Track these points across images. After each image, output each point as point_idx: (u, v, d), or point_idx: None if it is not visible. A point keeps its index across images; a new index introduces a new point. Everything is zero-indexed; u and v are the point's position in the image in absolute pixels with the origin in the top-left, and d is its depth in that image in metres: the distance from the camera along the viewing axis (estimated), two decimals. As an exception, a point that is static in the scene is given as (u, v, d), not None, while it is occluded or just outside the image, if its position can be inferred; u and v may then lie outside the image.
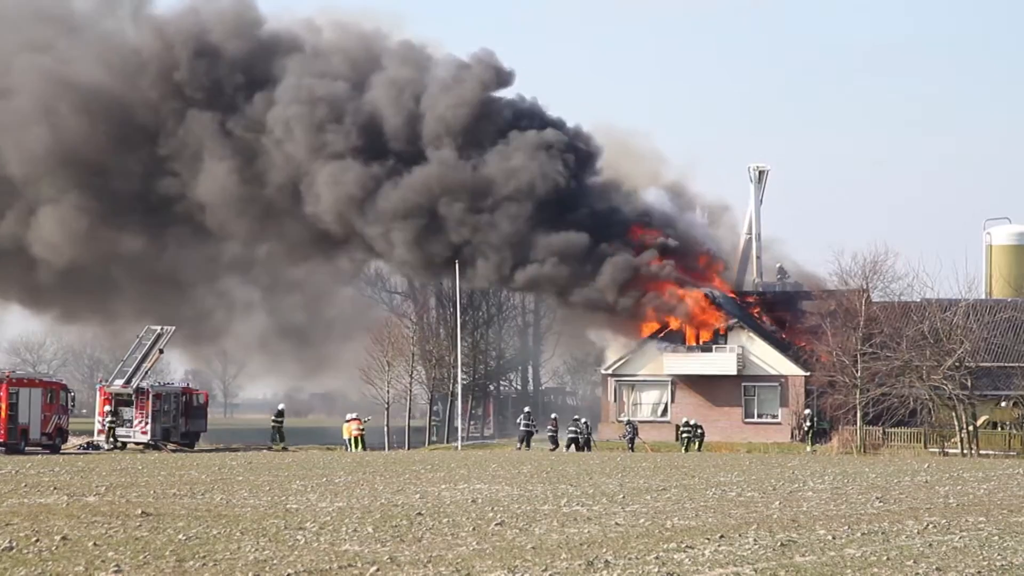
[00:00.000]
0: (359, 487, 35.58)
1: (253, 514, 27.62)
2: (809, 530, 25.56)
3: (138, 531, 24.30)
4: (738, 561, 21.19)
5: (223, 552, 21.59)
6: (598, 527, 25.67)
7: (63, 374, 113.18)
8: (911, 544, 23.66)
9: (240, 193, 75.58)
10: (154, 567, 20.02)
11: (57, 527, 24.69)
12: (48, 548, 21.83)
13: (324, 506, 29.62)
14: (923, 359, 63.77)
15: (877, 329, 65.25)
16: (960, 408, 63.11)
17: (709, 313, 73.45)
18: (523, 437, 68.26)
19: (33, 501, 30.36)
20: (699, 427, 67.81)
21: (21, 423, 58.91)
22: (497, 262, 73.63)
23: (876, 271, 68.22)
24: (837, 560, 21.47)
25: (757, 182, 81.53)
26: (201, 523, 25.67)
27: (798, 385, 71.63)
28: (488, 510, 28.84)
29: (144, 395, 64.89)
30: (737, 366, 72.33)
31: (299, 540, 23.17)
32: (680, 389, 73.68)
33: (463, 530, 24.84)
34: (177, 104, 75.80)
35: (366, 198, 73.66)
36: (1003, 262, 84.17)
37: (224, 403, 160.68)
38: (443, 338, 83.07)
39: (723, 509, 29.85)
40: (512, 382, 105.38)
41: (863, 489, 36.58)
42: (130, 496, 31.78)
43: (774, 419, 72.44)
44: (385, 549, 22.08)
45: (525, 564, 20.52)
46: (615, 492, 34.43)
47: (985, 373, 66.47)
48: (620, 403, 74.54)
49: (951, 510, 30.36)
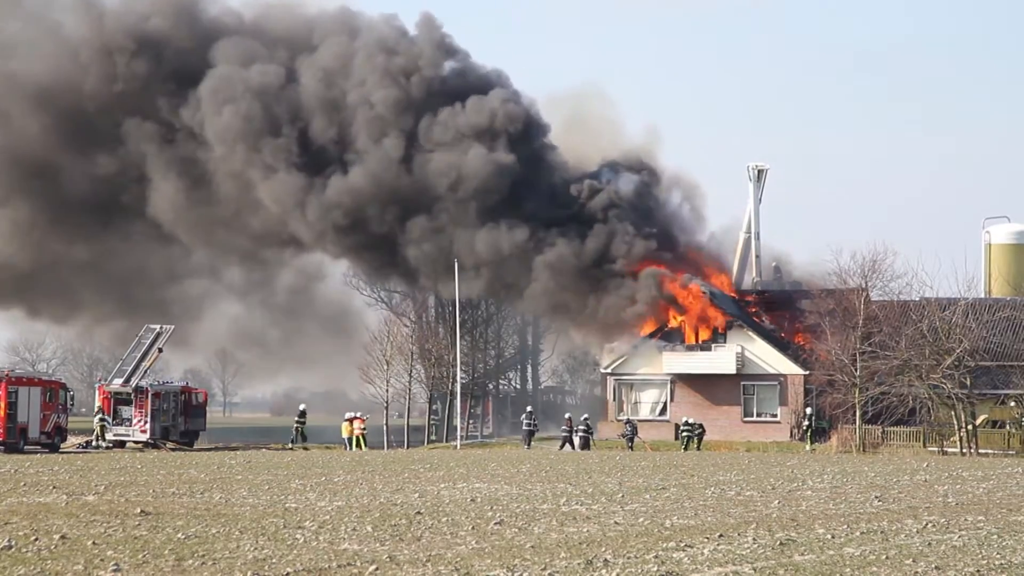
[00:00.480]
0: (358, 486, 35.58)
1: (252, 513, 27.61)
2: (808, 529, 25.55)
3: (137, 530, 24.29)
4: (737, 560, 21.19)
5: (222, 551, 21.58)
6: (597, 526, 25.66)
7: (62, 373, 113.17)
8: (910, 543, 23.65)
9: (190, 211, 74.04)
10: (153, 566, 20.01)
11: (56, 526, 24.69)
12: (47, 547, 21.83)
13: (323, 505, 29.61)
14: (922, 358, 63.78)
15: (876, 328, 65.24)
16: (959, 407, 63.12)
17: (707, 310, 73.35)
18: (526, 436, 68.14)
19: (32, 500, 30.35)
20: (700, 426, 67.78)
21: (20, 422, 58.89)
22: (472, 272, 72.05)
23: (875, 270, 68.23)
24: (836, 559, 21.46)
25: (756, 181, 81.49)
26: (200, 522, 25.66)
27: (797, 384, 71.61)
28: (487, 509, 28.83)
29: (143, 394, 64.85)
30: (736, 365, 72.31)
31: (298, 539, 23.16)
32: (679, 388, 73.65)
33: (462, 529, 24.84)
34: (118, 109, 73.83)
35: (304, 210, 72.11)
36: (1002, 261, 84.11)
37: (223, 402, 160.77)
38: (442, 337, 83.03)
39: (722, 508, 29.85)
40: (511, 381, 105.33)
41: (862, 488, 36.57)
42: (129, 495, 31.77)
43: (773, 418, 72.43)
44: (384, 548, 22.08)
45: (524, 563, 20.51)
46: (614, 491, 34.42)
47: (984, 372, 66.45)
48: (619, 402, 74.51)
49: (950, 509, 30.36)
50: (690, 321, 73.58)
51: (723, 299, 75.44)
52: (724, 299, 75.64)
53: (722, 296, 75.71)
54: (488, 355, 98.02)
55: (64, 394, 62.62)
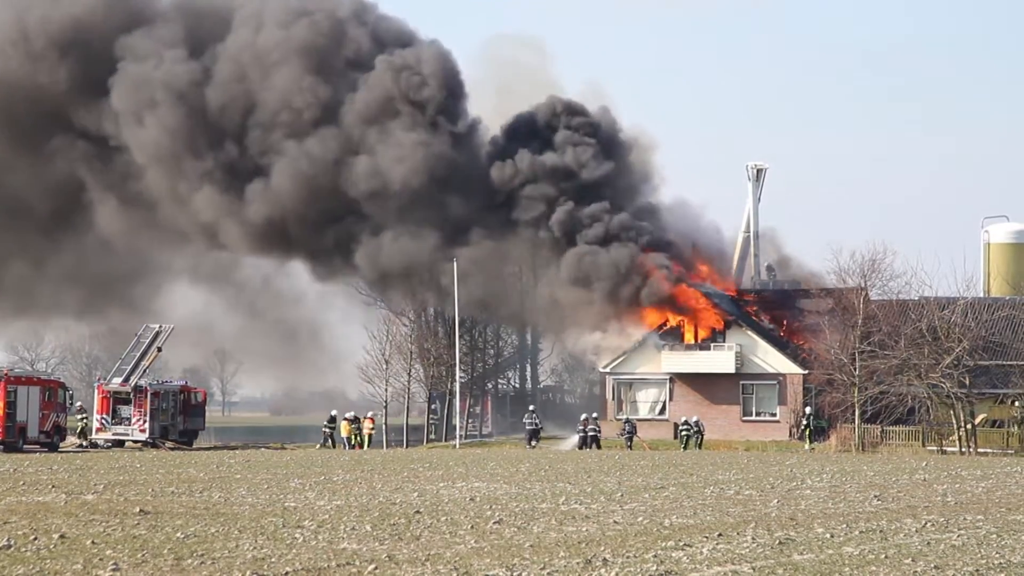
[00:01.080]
0: (357, 485, 35.58)
1: (251, 512, 27.61)
2: (807, 528, 25.54)
3: (136, 529, 24.29)
4: (736, 559, 21.18)
5: (221, 550, 21.57)
6: (596, 525, 25.66)
7: (61, 372, 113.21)
8: (909, 542, 23.65)
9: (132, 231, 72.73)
10: (152, 565, 20.00)
11: (55, 525, 24.68)
12: (46, 546, 21.82)
13: (322, 504, 29.61)
14: (921, 357, 63.78)
15: (875, 327, 65.22)
16: (958, 406, 63.11)
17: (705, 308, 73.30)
18: (530, 435, 67.79)
19: (31, 499, 30.35)
20: (699, 424, 67.74)
21: (19, 421, 58.88)
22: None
23: (875, 269, 68.20)
24: (835, 558, 21.45)
25: (755, 180, 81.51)
26: (199, 521, 25.66)
27: (796, 383, 71.58)
28: (486, 508, 28.83)
29: (142, 393, 64.83)
30: (735, 364, 72.27)
31: (297, 538, 23.15)
32: (678, 387, 73.60)
33: (461, 528, 24.83)
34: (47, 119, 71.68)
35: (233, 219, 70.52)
36: (1001, 260, 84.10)
37: (222, 401, 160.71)
38: (441, 336, 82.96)
39: (721, 507, 29.84)
40: (510, 380, 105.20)
41: (861, 487, 36.57)
42: (128, 494, 31.77)
43: (772, 417, 72.40)
44: (383, 547, 22.07)
45: (523, 562, 20.50)
46: (613, 490, 34.42)
47: (983, 371, 66.44)
48: (618, 401, 74.48)
49: (949, 508, 30.35)
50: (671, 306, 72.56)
51: (722, 298, 75.43)
52: (723, 298, 75.62)
53: (721, 295, 75.69)
54: (487, 354, 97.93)
55: (63, 393, 62.61)
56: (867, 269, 67.82)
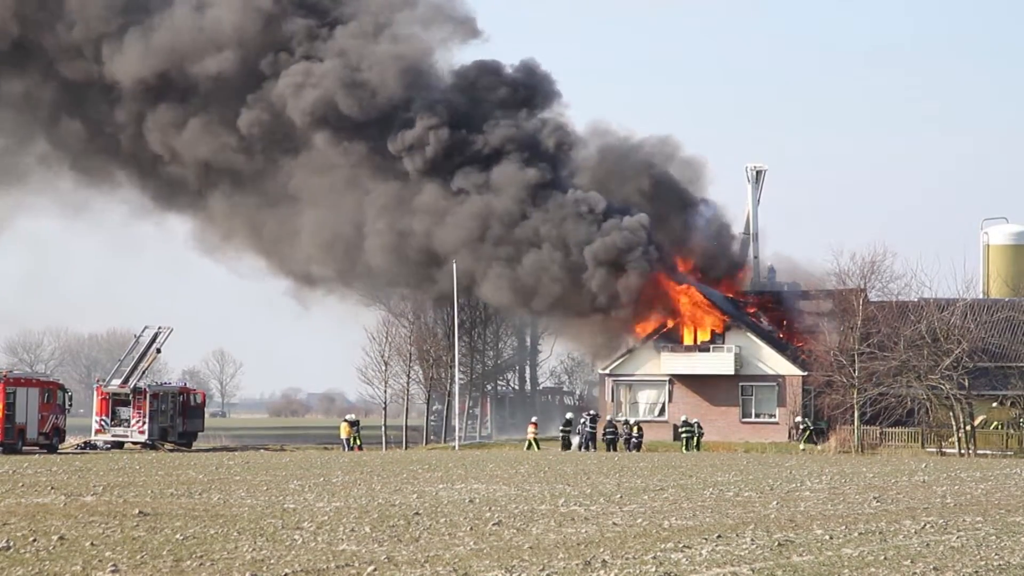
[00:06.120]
0: (356, 487, 35.58)
1: (250, 514, 27.60)
2: (806, 530, 25.54)
3: (135, 531, 24.28)
4: (735, 561, 21.18)
5: (220, 552, 21.57)
6: (595, 527, 25.65)
7: (60, 374, 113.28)
8: (908, 544, 23.65)
9: None
10: (151, 567, 20.00)
11: (54, 527, 24.67)
12: (45, 548, 21.81)
13: (321, 506, 29.61)
14: (921, 359, 63.82)
15: (875, 329, 65.26)
16: (957, 408, 63.14)
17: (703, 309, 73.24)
18: (587, 439, 65.78)
19: (30, 501, 30.34)
20: (699, 425, 67.73)
21: (18, 423, 58.89)
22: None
23: (874, 271, 68.31)
24: (834, 560, 21.45)
25: (755, 182, 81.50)
26: (198, 523, 25.66)
27: (795, 385, 71.58)
28: (486, 510, 28.82)
29: (141, 395, 64.86)
30: (735, 366, 72.27)
31: (296, 540, 23.15)
32: (678, 388, 73.61)
33: (460, 530, 24.83)
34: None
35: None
36: (1000, 262, 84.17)
37: (222, 402, 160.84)
38: (440, 337, 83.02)
39: (720, 509, 29.84)
40: (509, 382, 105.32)
41: (860, 489, 36.57)
42: (127, 496, 31.76)
43: (771, 419, 72.40)
44: (382, 549, 22.07)
45: (522, 564, 20.50)
46: (612, 492, 34.42)
47: (982, 373, 66.47)
48: (618, 403, 74.46)
49: (948, 510, 30.35)
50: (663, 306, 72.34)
51: (721, 300, 75.43)
52: (722, 300, 75.62)
53: (720, 297, 75.68)
54: (487, 356, 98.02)
55: (62, 395, 62.61)
56: (867, 270, 67.93)
